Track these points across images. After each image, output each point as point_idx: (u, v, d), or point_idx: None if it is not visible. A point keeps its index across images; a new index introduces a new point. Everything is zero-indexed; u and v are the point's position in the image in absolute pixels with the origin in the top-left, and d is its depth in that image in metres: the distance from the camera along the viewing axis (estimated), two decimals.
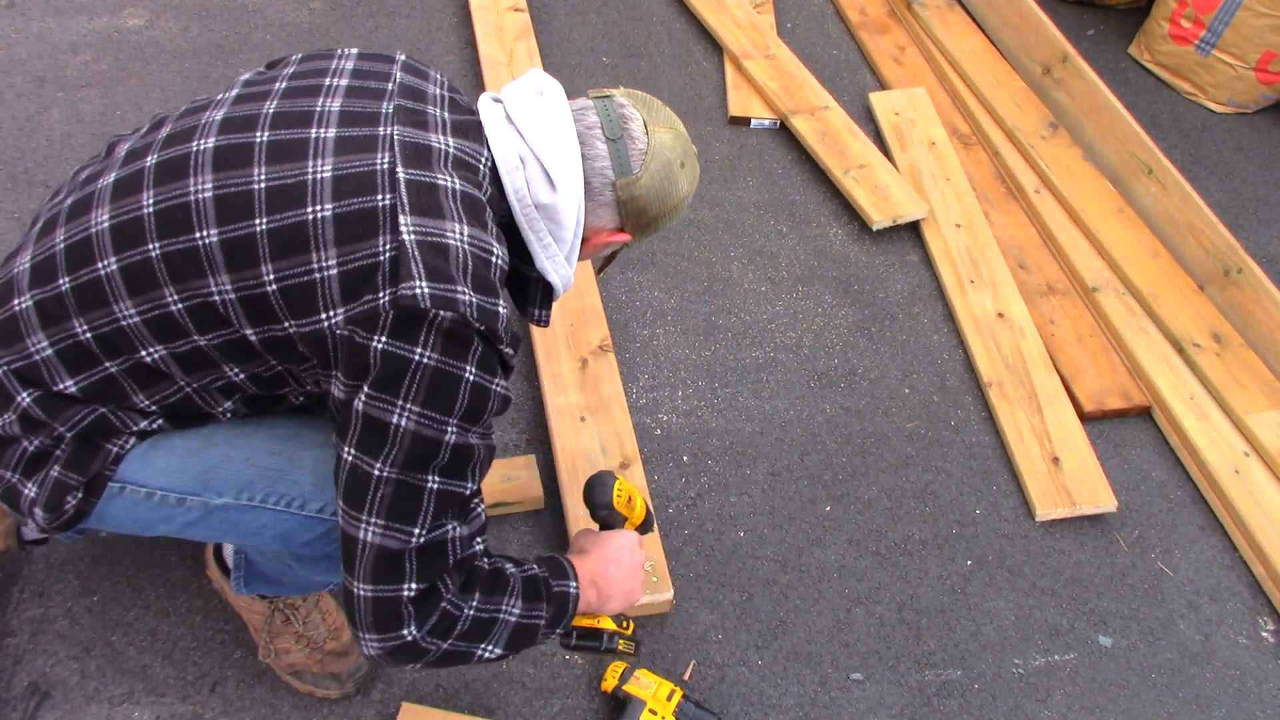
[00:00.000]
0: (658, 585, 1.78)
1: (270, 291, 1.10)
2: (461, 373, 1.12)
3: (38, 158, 2.37)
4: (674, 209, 1.33)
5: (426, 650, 1.18)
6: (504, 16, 2.92)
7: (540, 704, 1.66)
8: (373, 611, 1.14)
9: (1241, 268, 2.43)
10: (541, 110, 1.24)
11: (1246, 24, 3.03)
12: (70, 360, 1.16)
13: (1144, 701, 1.83)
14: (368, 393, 1.09)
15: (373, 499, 1.12)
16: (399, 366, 1.08)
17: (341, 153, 1.14)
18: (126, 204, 1.15)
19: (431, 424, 1.11)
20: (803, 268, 2.50)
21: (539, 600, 1.27)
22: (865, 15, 3.30)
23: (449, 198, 1.14)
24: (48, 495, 1.18)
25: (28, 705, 1.54)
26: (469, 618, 1.19)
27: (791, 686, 1.76)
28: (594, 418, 2.02)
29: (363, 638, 1.16)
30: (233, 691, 1.60)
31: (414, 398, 1.09)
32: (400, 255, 1.08)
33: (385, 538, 1.12)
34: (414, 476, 1.12)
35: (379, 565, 1.13)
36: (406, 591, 1.14)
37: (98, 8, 2.80)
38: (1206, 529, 2.13)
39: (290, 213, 1.10)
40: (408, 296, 1.07)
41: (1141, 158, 2.71)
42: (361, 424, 1.10)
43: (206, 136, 1.16)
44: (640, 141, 1.27)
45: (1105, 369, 2.36)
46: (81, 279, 1.15)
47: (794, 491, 2.05)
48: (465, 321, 1.09)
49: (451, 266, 1.10)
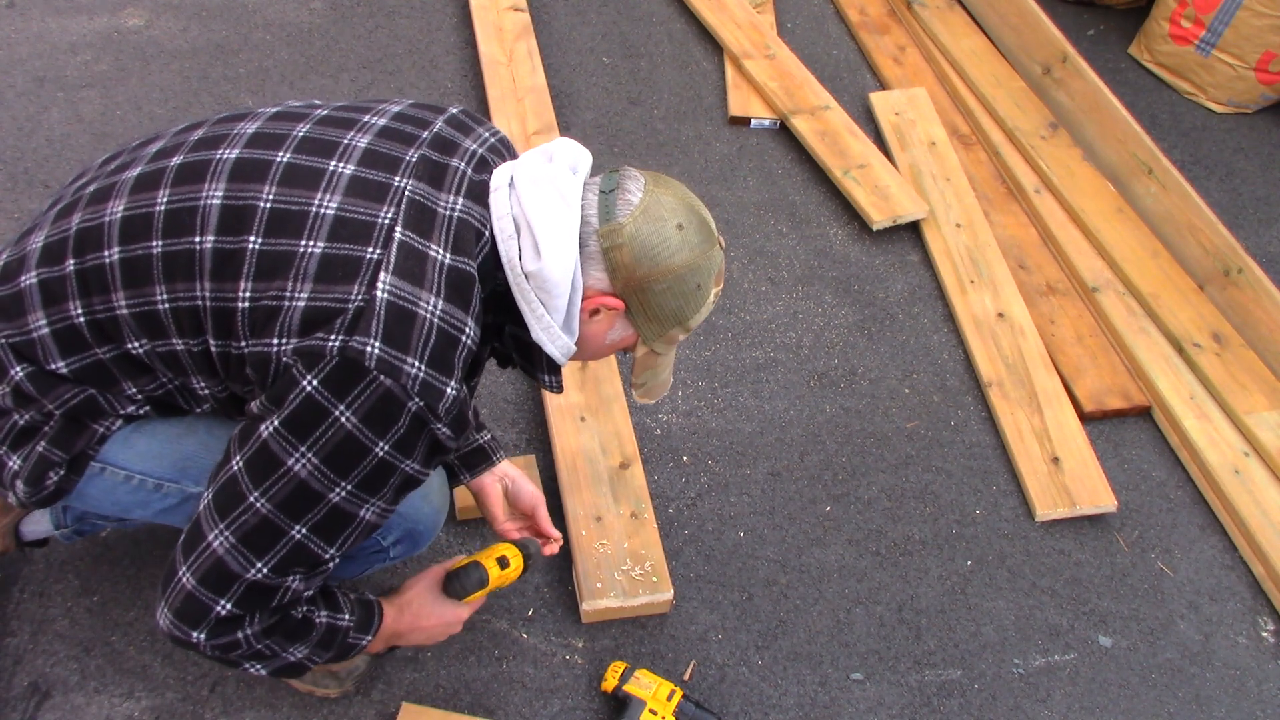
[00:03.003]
0: (658, 585, 1.78)
1: (240, 309, 1.12)
2: (373, 446, 1.10)
3: (38, 158, 2.37)
4: (671, 275, 1.18)
5: (200, 650, 1.19)
6: (504, 16, 2.92)
7: (540, 704, 1.66)
8: (182, 602, 1.16)
9: (1241, 268, 2.43)
10: (543, 176, 1.17)
11: (1246, 24, 3.03)
12: (63, 342, 1.18)
13: (1144, 701, 1.83)
14: (277, 427, 1.09)
15: (237, 516, 1.13)
16: (316, 415, 1.08)
17: (351, 194, 1.14)
18: (142, 199, 1.17)
19: (322, 480, 1.11)
20: (803, 268, 2.50)
21: (328, 649, 1.30)
22: (865, 15, 3.30)
23: (435, 270, 1.12)
24: (30, 469, 1.21)
25: (28, 705, 1.54)
26: (252, 649, 1.21)
27: (791, 686, 1.76)
28: (594, 418, 2.02)
29: (162, 609, 1.18)
30: (233, 691, 1.60)
31: (317, 450, 1.09)
32: (367, 309, 1.08)
33: (229, 555, 1.14)
34: (283, 519, 1.12)
35: (210, 573, 1.15)
36: (219, 609, 1.15)
37: (98, 8, 2.80)
38: (1206, 529, 2.13)
39: (284, 240, 1.12)
40: (355, 350, 1.07)
41: (1141, 158, 2.71)
42: (258, 448, 1.10)
43: (233, 147, 1.18)
44: (634, 195, 1.17)
45: (1105, 369, 2.36)
46: (87, 263, 1.17)
47: (794, 491, 2.05)
48: (403, 393, 1.08)
49: (412, 336, 1.09)
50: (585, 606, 1.74)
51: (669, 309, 1.21)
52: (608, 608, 1.75)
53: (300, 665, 1.29)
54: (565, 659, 1.72)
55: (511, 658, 1.71)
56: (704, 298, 1.23)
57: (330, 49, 2.82)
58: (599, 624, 1.77)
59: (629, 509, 1.88)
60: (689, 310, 1.22)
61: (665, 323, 1.23)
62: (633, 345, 1.29)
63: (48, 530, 1.56)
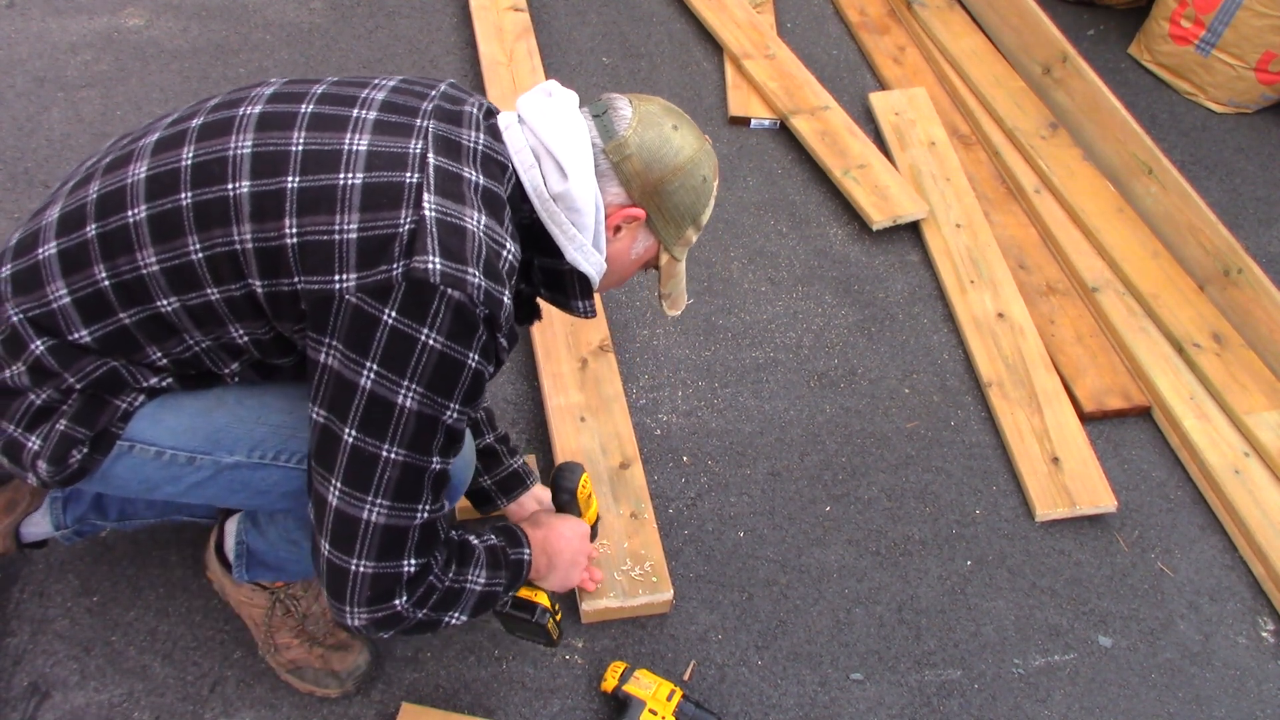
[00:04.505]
0: (658, 585, 1.78)
1: (290, 244, 1.12)
2: (465, 358, 1.14)
3: (38, 158, 2.37)
4: (679, 172, 1.28)
5: (405, 619, 1.21)
6: (504, 16, 2.92)
7: (540, 704, 1.66)
8: (370, 588, 1.17)
9: (1241, 268, 2.43)
10: (549, 107, 1.27)
11: (1246, 24, 3.03)
12: (87, 309, 1.17)
13: (1144, 701, 1.83)
14: (375, 370, 1.11)
15: (379, 480, 1.14)
16: (407, 345, 1.10)
17: (378, 133, 1.17)
18: (166, 157, 1.18)
19: (433, 406, 1.14)
20: (803, 268, 2.50)
21: (499, 568, 1.34)
22: (865, 15, 3.30)
23: (471, 190, 1.17)
24: (53, 448, 1.20)
25: (28, 705, 1.54)
26: (444, 589, 1.25)
27: (791, 686, 1.76)
28: (594, 418, 2.02)
29: (350, 610, 1.19)
30: (233, 691, 1.60)
31: (419, 378, 1.12)
32: (419, 229, 1.11)
33: (392, 517, 1.16)
34: (419, 458, 1.15)
35: (384, 545, 1.16)
36: (406, 568, 1.19)
37: (98, 8, 2.80)
38: (1206, 529, 2.13)
39: (323, 176, 1.14)
40: (419, 269, 1.09)
41: (1141, 158, 2.71)
42: (366, 403, 1.12)
43: (254, 105, 1.20)
44: (625, 111, 1.28)
45: (1105, 369, 2.36)
46: (109, 225, 1.16)
47: (794, 491, 2.05)
48: (471, 303, 1.12)
49: (466, 248, 1.13)
50: (585, 606, 1.74)
51: (684, 206, 1.31)
52: (607, 608, 1.75)
53: (490, 593, 1.32)
54: (565, 659, 1.72)
55: (511, 658, 1.71)
56: (710, 190, 1.33)
57: (330, 49, 2.82)
58: (599, 624, 1.77)
59: (629, 509, 1.88)
60: (700, 205, 1.32)
61: (682, 222, 1.32)
62: (654, 259, 1.38)
63: (47, 532, 1.56)
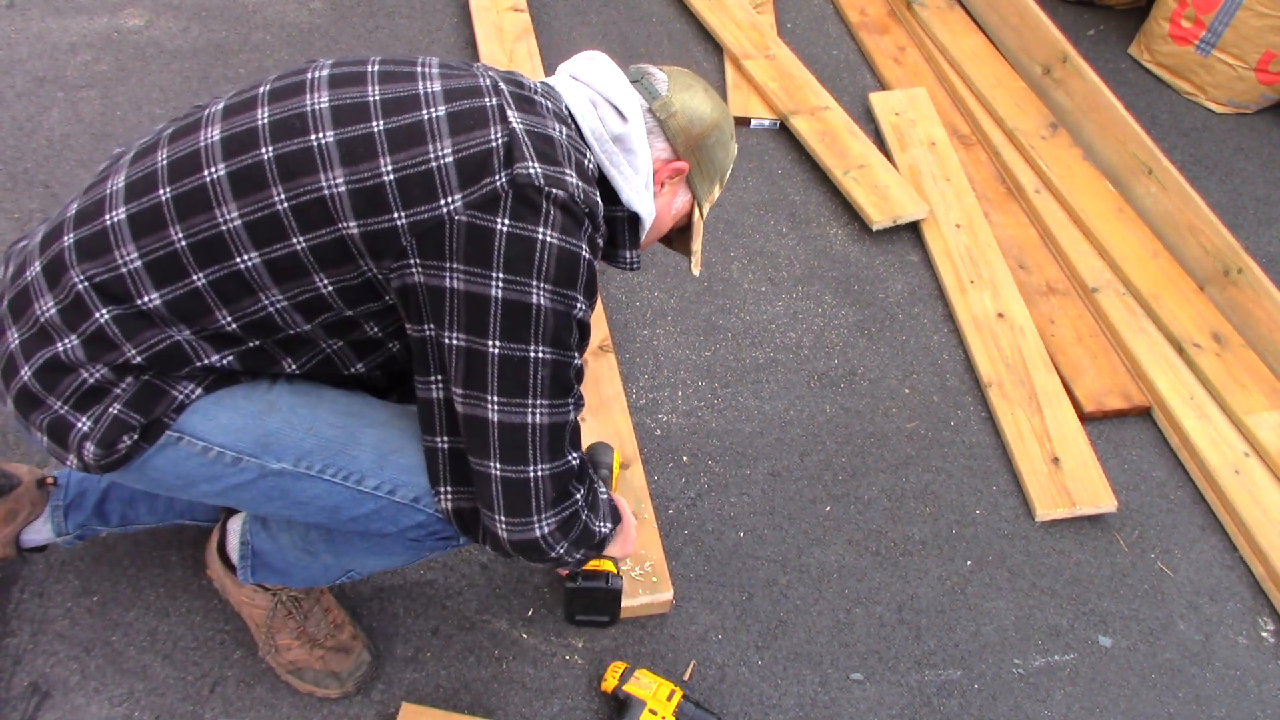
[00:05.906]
0: (658, 585, 1.78)
1: (387, 181, 1.13)
2: (579, 249, 1.18)
3: (38, 158, 2.37)
4: (715, 128, 1.38)
5: (578, 519, 1.28)
6: (504, 16, 2.92)
7: (540, 704, 1.66)
8: (554, 486, 1.22)
9: (1241, 268, 2.43)
10: (597, 65, 1.35)
11: (1246, 24, 3.03)
12: (159, 271, 1.16)
13: (1144, 701, 1.83)
14: (502, 278, 1.14)
15: (534, 382, 1.18)
16: (527, 247, 1.14)
17: (447, 79, 1.22)
18: (240, 119, 1.18)
19: (564, 300, 1.18)
20: (803, 268, 2.50)
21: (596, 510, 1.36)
22: (865, 15, 3.30)
23: (546, 111, 1.24)
24: (104, 432, 1.18)
25: (28, 705, 1.54)
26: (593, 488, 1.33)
27: (791, 686, 1.76)
28: (594, 418, 2.02)
29: (539, 520, 1.23)
30: (233, 691, 1.60)
31: (545, 275, 1.15)
32: (513, 141, 1.16)
33: (552, 414, 1.20)
34: (563, 353, 1.20)
35: (551, 445, 1.21)
36: (572, 459, 1.25)
37: (98, 8, 2.80)
38: (1206, 529, 2.13)
39: (407, 115, 1.16)
40: (524, 175, 1.13)
41: (1141, 158, 2.71)
42: (503, 311, 1.15)
43: (320, 70, 1.23)
44: (660, 76, 1.37)
45: (1105, 369, 2.36)
46: (184, 187, 1.16)
47: (794, 491, 2.05)
48: (572, 200, 1.16)
49: (558, 154, 1.19)
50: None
51: (718, 160, 1.41)
52: None
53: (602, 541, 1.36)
54: (565, 659, 1.72)
55: (511, 658, 1.71)
56: (734, 147, 1.44)
57: (330, 49, 2.82)
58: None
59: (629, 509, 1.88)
60: (728, 160, 1.43)
61: (714, 177, 1.42)
62: (685, 216, 1.45)
63: (49, 538, 1.56)
